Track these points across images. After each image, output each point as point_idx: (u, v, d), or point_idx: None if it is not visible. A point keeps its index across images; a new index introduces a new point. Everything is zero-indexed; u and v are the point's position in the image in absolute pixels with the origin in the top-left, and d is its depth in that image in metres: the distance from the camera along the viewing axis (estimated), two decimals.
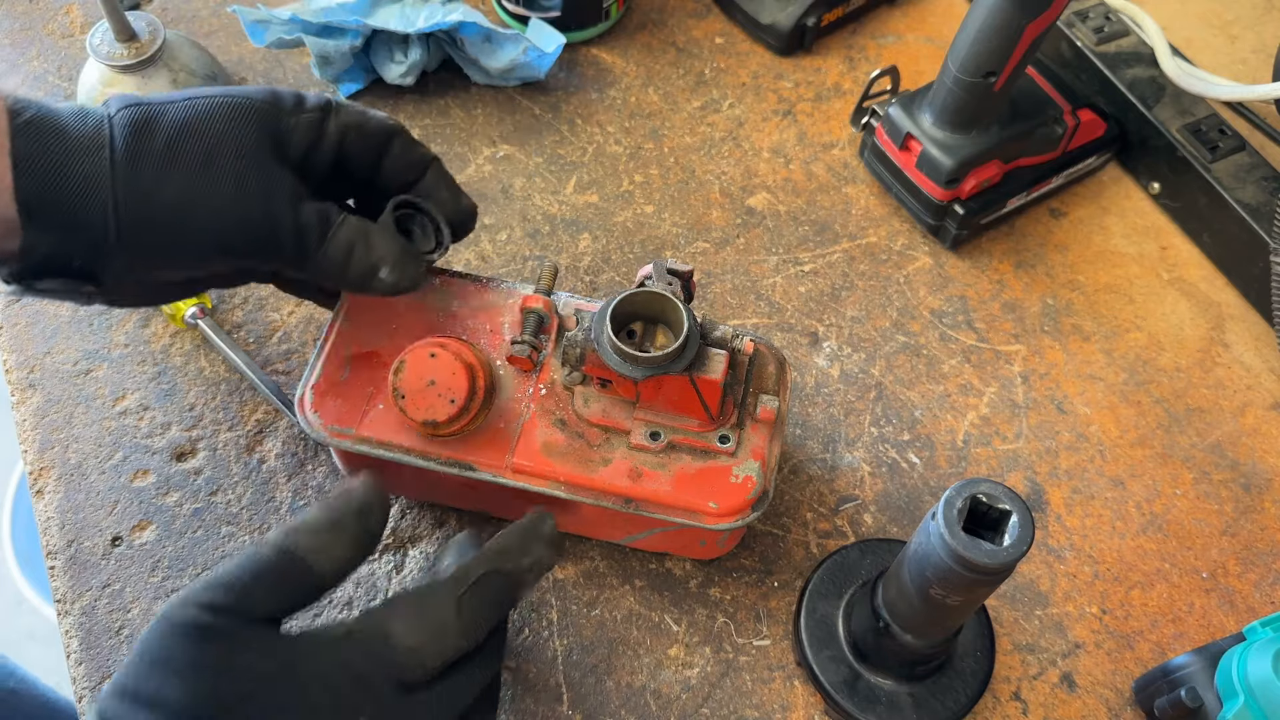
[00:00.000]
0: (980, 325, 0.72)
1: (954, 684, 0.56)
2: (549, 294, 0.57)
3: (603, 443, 0.55)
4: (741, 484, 0.54)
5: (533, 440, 0.54)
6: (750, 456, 0.55)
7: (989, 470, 0.66)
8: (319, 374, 0.56)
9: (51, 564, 0.60)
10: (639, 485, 0.54)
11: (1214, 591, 0.63)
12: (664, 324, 0.55)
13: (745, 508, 0.54)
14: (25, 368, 0.66)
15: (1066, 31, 0.81)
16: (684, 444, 0.54)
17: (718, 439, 0.54)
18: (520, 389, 0.56)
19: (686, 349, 0.51)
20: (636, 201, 0.77)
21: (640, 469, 0.54)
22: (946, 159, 0.70)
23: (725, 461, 0.54)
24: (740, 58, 0.85)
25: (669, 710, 0.57)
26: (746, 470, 0.54)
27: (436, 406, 0.52)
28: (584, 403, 0.55)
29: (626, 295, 0.52)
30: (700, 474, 0.54)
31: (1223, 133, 0.75)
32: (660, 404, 0.54)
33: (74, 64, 0.81)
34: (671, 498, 0.53)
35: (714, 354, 0.53)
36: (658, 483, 0.54)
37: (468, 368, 0.52)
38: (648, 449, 0.54)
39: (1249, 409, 0.70)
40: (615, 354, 0.51)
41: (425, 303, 0.58)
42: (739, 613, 0.60)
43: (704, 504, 0.53)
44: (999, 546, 0.43)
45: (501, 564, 0.47)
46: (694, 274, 0.56)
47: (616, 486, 0.54)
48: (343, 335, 0.57)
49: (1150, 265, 0.76)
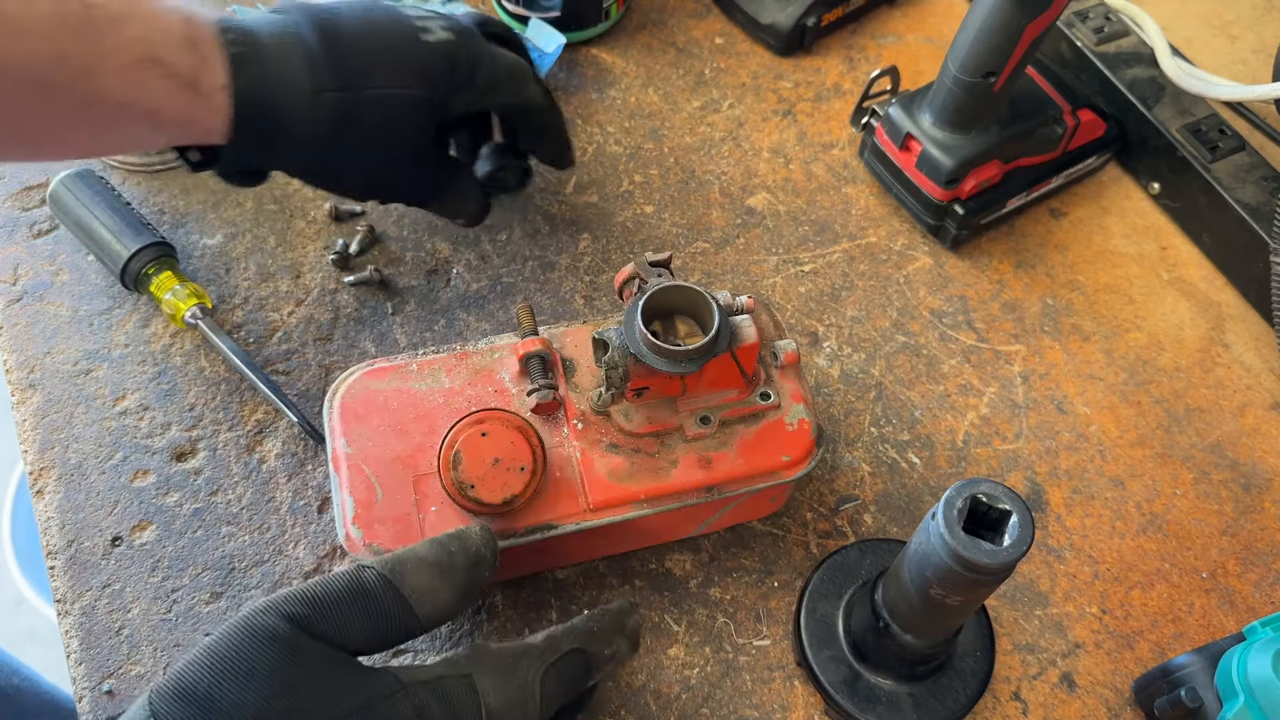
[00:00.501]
0: (980, 325, 0.72)
1: (954, 684, 0.56)
2: (535, 333, 0.57)
3: (660, 448, 0.55)
4: (799, 429, 0.56)
5: (596, 474, 0.54)
6: (792, 401, 0.57)
7: (989, 470, 0.66)
8: (351, 508, 0.52)
9: (51, 564, 0.60)
10: (713, 471, 0.54)
11: (1214, 591, 0.63)
12: (678, 314, 0.55)
13: (812, 447, 0.56)
14: (25, 368, 0.66)
15: (1066, 31, 0.81)
16: (732, 416, 0.56)
17: (759, 398, 0.56)
18: (554, 434, 0.55)
19: (721, 326, 0.52)
20: (636, 201, 0.77)
21: (707, 456, 0.55)
22: (946, 159, 0.70)
23: (775, 416, 0.56)
24: (740, 58, 0.85)
25: (669, 710, 0.57)
26: (796, 415, 0.56)
27: (511, 481, 0.50)
28: (626, 419, 0.55)
29: (646, 302, 0.52)
30: (759, 436, 0.55)
31: (1223, 133, 0.75)
32: (701, 389, 0.55)
33: None
34: (746, 468, 0.55)
35: (738, 321, 0.54)
36: (728, 461, 0.55)
37: (520, 431, 0.51)
38: (704, 435, 0.55)
39: (1249, 409, 0.70)
40: (664, 357, 0.50)
41: (416, 392, 0.56)
42: (739, 613, 0.60)
43: (777, 461, 0.55)
44: (999, 546, 0.43)
45: (587, 644, 0.47)
46: (671, 258, 0.57)
47: (694, 481, 0.54)
48: (353, 459, 0.54)
49: (1150, 265, 0.76)
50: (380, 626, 0.42)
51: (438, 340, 0.69)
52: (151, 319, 0.69)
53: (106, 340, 0.68)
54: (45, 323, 0.68)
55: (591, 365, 0.56)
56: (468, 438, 0.50)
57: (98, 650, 0.57)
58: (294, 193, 0.75)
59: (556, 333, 0.58)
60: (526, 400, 0.55)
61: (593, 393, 0.55)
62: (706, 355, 0.51)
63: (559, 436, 0.55)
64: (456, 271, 0.72)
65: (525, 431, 0.52)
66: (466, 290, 0.71)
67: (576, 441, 0.55)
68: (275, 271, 0.71)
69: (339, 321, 0.69)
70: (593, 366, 0.56)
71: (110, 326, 0.68)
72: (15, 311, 0.68)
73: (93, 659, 0.57)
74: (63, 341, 0.67)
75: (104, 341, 0.67)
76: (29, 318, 0.68)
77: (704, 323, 0.53)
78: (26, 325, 0.68)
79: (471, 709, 0.42)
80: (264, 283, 0.71)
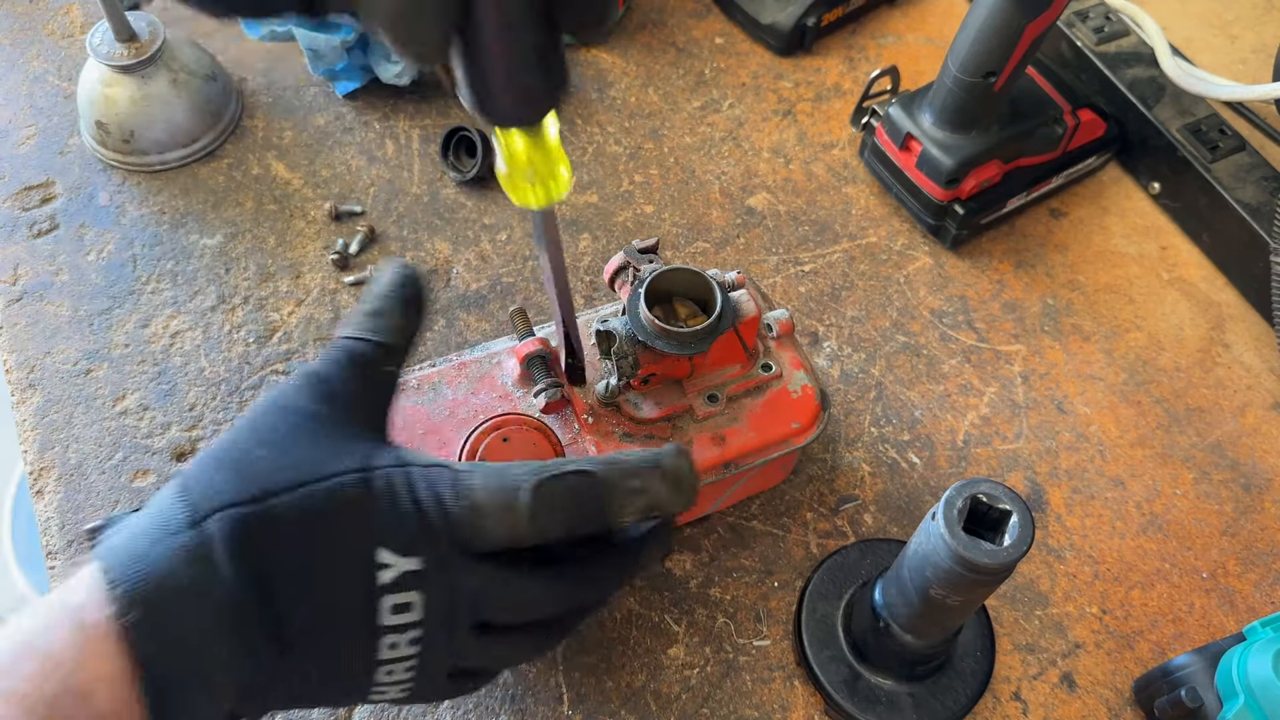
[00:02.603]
0: (980, 325, 0.72)
1: (954, 684, 0.56)
2: (532, 333, 0.57)
3: (673, 432, 0.55)
4: (803, 395, 0.57)
5: None
6: (793, 369, 0.58)
7: (989, 470, 0.66)
8: None
9: (51, 564, 0.60)
10: (728, 447, 0.55)
11: (1214, 591, 0.63)
12: (676, 297, 0.55)
13: (818, 410, 0.57)
14: (25, 368, 0.66)
15: (1066, 31, 0.81)
16: (738, 391, 0.57)
17: (761, 369, 0.57)
18: (566, 431, 0.55)
19: (724, 304, 0.52)
20: (636, 201, 0.77)
21: (720, 433, 0.55)
22: (946, 159, 0.70)
23: (778, 386, 0.57)
24: (740, 58, 0.85)
25: (669, 710, 0.57)
26: (799, 382, 0.57)
27: None
28: (635, 407, 0.55)
29: (648, 289, 0.52)
30: (767, 407, 0.56)
31: (1223, 133, 0.75)
32: (706, 368, 0.55)
33: (74, 64, 0.81)
34: (759, 440, 0.55)
35: (736, 296, 0.54)
36: (741, 435, 0.55)
37: (540, 431, 0.51)
38: (714, 413, 0.56)
39: (1249, 409, 0.70)
40: (674, 341, 0.51)
41: (420, 407, 0.55)
42: (739, 613, 0.60)
43: (788, 428, 0.56)
44: (999, 546, 0.43)
45: (602, 470, 0.43)
46: (659, 243, 0.57)
47: (711, 459, 0.55)
48: None
49: (1150, 265, 0.76)
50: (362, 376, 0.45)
51: (438, 340, 0.69)
52: (151, 319, 0.69)
53: (106, 340, 0.68)
54: (45, 323, 0.68)
55: (592, 360, 0.56)
56: (490, 444, 0.50)
57: None
58: (294, 193, 0.75)
59: (550, 331, 0.58)
60: (534, 402, 0.55)
61: (598, 386, 0.55)
62: (714, 333, 0.51)
63: (571, 433, 0.55)
64: (456, 271, 0.72)
65: (544, 431, 0.52)
66: (466, 290, 0.71)
67: (590, 436, 0.55)
68: (275, 271, 0.71)
69: (339, 321, 0.69)
70: (594, 361, 0.56)
71: (110, 326, 0.68)
72: (15, 311, 0.68)
73: None
74: (62, 341, 0.67)
75: (104, 341, 0.67)
76: (29, 318, 0.68)
77: (705, 302, 0.54)
78: (26, 325, 0.68)
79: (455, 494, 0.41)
80: (264, 283, 0.71)
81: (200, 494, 0.39)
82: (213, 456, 0.41)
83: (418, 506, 0.41)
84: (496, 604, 0.43)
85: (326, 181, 0.76)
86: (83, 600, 0.37)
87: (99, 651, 0.36)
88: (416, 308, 0.47)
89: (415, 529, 0.40)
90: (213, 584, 0.37)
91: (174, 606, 0.37)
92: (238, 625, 0.38)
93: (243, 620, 0.38)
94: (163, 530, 0.38)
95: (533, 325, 0.58)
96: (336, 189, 0.76)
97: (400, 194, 0.76)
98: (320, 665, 0.40)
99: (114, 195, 0.74)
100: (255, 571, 0.38)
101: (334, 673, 0.41)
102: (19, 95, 0.79)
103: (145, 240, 0.72)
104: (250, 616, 0.38)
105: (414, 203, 0.75)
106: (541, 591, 0.44)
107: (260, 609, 0.38)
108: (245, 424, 0.43)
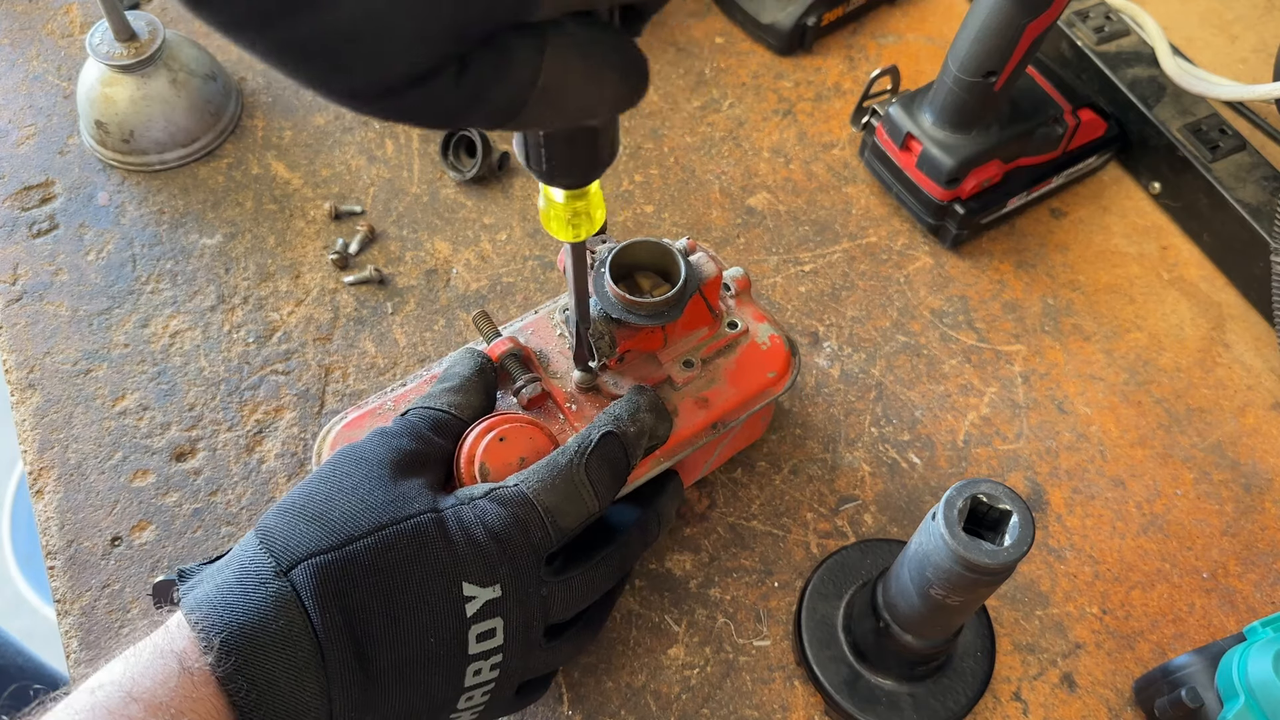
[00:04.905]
0: (980, 325, 0.72)
1: (954, 684, 0.56)
2: (499, 334, 0.57)
3: None
4: (772, 345, 0.59)
5: None
6: (756, 322, 0.59)
7: (989, 470, 0.66)
8: None
9: (51, 564, 0.60)
10: (712, 408, 0.56)
11: (1214, 591, 0.63)
12: (638, 270, 0.55)
13: (789, 357, 0.59)
14: (25, 368, 0.66)
15: (1067, 31, 0.81)
16: (710, 353, 0.58)
17: (728, 328, 0.58)
18: (553, 423, 0.55)
19: (688, 269, 0.53)
20: (636, 201, 0.77)
21: (703, 396, 0.56)
22: (947, 159, 0.70)
23: (746, 341, 0.59)
24: (740, 57, 0.85)
25: (669, 710, 0.57)
26: (765, 334, 0.59)
27: None
28: (615, 385, 0.56)
29: (611, 263, 0.52)
30: (740, 363, 0.58)
31: (1223, 132, 0.75)
32: (676, 335, 0.56)
33: (74, 63, 0.81)
34: (740, 396, 0.57)
35: (695, 259, 0.55)
36: (723, 394, 0.57)
37: (533, 425, 0.51)
38: (692, 377, 0.57)
39: (1249, 409, 0.70)
40: (647, 313, 0.52)
41: None
42: (739, 613, 0.60)
43: (764, 379, 0.57)
44: (999, 546, 0.43)
45: (615, 427, 0.49)
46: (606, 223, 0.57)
47: (699, 423, 0.56)
48: None
49: (1150, 265, 0.76)
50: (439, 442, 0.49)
51: (438, 340, 0.69)
52: (151, 319, 0.69)
53: (106, 340, 0.67)
54: (45, 323, 0.68)
55: (563, 350, 0.57)
56: (487, 447, 0.50)
57: (97, 650, 0.57)
58: (294, 193, 0.75)
59: (516, 329, 0.58)
60: (515, 400, 0.55)
61: (574, 373, 0.55)
62: (684, 298, 0.52)
63: (558, 424, 0.55)
64: (456, 271, 0.72)
65: (537, 424, 0.52)
66: (466, 290, 0.71)
67: (577, 424, 0.55)
68: (275, 271, 0.71)
69: (339, 321, 0.69)
70: (564, 351, 0.57)
71: (110, 326, 0.68)
72: (15, 311, 0.68)
73: (92, 659, 0.57)
74: (62, 341, 0.67)
75: (104, 341, 0.67)
76: (29, 318, 0.68)
77: (667, 271, 0.54)
78: (26, 325, 0.68)
79: (525, 506, 0.45)
80: (264, 282, 0.71)
81: (283, 545, 0.42)
82: (290, 506, 0.44)
83: (493, 536, 0.44)
84: (562, 604, 0.47)
85: (326, 181, 0.76)
86: (183, 648, 0.39)
87: (200, 697, 0.38)
88: (493, 395, 0.53)
89: (495, 558, 0.44)
90: (302, 632, 0.40)
91: (267, 655, 0.39)
92: (327, 668, 0.40)
93: (332, 662, 0.40)
94: (252, 581, 0.41)
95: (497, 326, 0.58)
96: (336, 189, 0.76)
97: (400, 194, 0.76)
98: (407, 697, 0.43)
99: (114, 195, 0.74)
100: (343, 614, 0.40)
101: (420, 703, 0.43)
102: (18, 95, 0.79)
103: (145, 240, 0.72)
104: (339, 658, 0.40)
105: (414, 202, 0.75)
106: (595, 572, 0.48)
107: (349, 650, 0.40)
108: (318, 476, 0.46)
